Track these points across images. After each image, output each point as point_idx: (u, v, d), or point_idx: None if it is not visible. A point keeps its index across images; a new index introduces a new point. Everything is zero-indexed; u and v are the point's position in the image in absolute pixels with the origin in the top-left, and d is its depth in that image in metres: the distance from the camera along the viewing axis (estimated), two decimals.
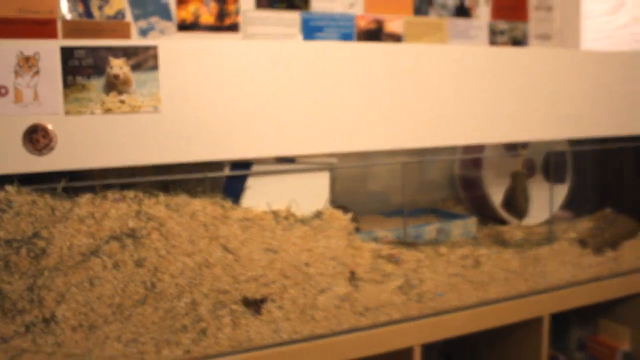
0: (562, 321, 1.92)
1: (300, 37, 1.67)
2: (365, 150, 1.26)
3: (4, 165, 0.99)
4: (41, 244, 1.03)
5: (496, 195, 1.71)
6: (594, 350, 1.88)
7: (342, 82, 1.23)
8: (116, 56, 1.03)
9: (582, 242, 1.64)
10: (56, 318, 1.05)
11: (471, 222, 1.62)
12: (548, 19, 2.12)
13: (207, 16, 1.57)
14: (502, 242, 1.56)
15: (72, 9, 1.45)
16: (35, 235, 1.03)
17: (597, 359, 1.85)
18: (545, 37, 2.12)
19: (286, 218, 1.20)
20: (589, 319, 1.93)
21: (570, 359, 1.79)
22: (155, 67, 1.06)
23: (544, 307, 1.55)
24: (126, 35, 1.50)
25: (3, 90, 0.97)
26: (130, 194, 1.09)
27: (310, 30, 1.68)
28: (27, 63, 0.98)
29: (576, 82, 1.54)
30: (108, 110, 1.04)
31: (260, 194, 1.20)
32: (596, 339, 1.89)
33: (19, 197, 1.02)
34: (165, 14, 1.53)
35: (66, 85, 1.01)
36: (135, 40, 1.28)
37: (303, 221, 1.22)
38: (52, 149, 1.01)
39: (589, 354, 1.86)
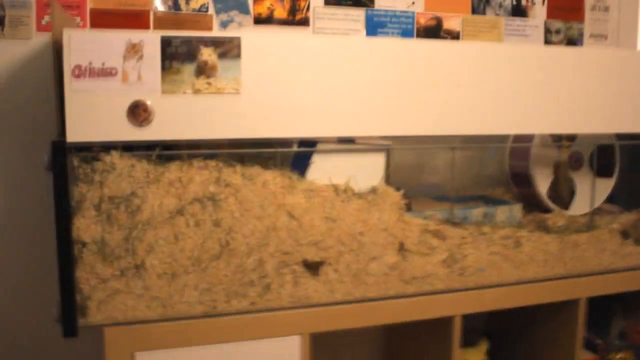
0: (606, 310, 2.00)
1: (364, 32, 1.82)
2: (417, 134, 1.40)
3: (111, 134, 1.18)
4: (137, 201, 1.22)
5: (543, 185, 1.82)
6: (636, 339, 1.96)
7: (398, 75, 1.37)
8: (206, 45, 1.21)
9: (625, 233, 1.73)
10: (145, 265, 1.23)
11: (516, 208, 1.74)
12: (604, 19, 2.20)
13: (281, 11, 1.74)
14: (544, 228, 1.67)
15: (163, 2, 1.64)
16: (133, 194, 1.22)
17: (637, 346, 1.93)
18: (600, 37, 2.21)
19: (345, 191, 1.35)
20: (633, 309, 2.01)
21: (608, 345, 1.88)
22: (238, 56, 1.23)
23: (581, 290, 1.65)
24: (209, 26, 1.69)
25: (114, 71, 1.16)
26: (212, 163, 1.27)
27: (374, 26, 1.83)
28: (134, 49, 1.17)
29: (624, 81, 1.63)
30: (197, 91, 1.21)
31: (323, 170, 1.36)
32: (638, 328, 1.97)
33: (121, 161, 1.21)
34: (244, 8, 1.71)
35: (164, 68, 1.19)
36: (222, 33, 1.46)
37: (359, 195, 1.37)
38: (150, 122, 1.19)
39: (629, 341, 1.94)
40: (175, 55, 1.20)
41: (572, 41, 2.14)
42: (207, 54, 1.21)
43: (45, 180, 1.21)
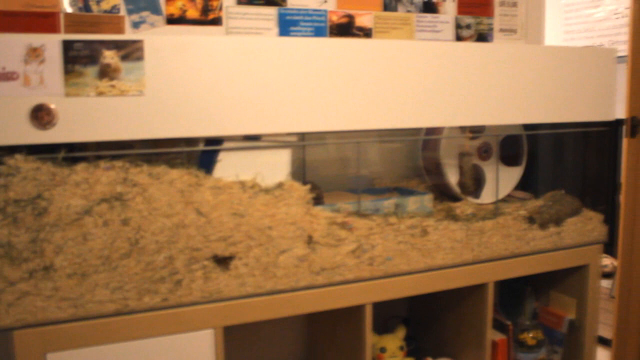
0: (519, 294, 2.11)
1: (277, 30, 1.86)
2: (326, 130, 1.45)
3: (14, 137, 1.19)
4: (43, 203, 1.23)
5: (453, 175, 1.90)
6: (544, 319, 2.06)
7: (308, 73, 1.42)
8: (108, 48, 1.23)
9: (531, 219, 1.83)
10: (54, 266, 1.25)
11: (427, 198, 1.81)
12: (512, 14, 2.30)
13: (193, 11, 1.76)
14: (452, 216, 1.75)
15: (72, 3, 1.65)
16: (39, 196, 1.23)
17: (545, 326, 2.04)
18: (509, 32, 2.31)
19: (252, 187, 1.40)
20: (543, 292, 2.12)
21: (518, 325, 1.98)
22: (141, 58, 1.26)
23: (489, 274, 1.74)
24: (120, 27, 1.70)
25: (15, 75, 1.17)
26: (119, 163, 1.29)
27: (286, 25, 1.87)
28: (35, 53, 1.18)
29: (531, 73, 1.72)
30: (101, 93, 1.24)
31: (229, 167, 1.40)
32: (547, 309, 2.07)
33: (26, 164, 1.22)
34: (155, 9, 1.72)
35: (66, 71, 1.21)
36: (124, 35, 1.48)
37: (266, 191, 1.42)
38: (54, 124, 1.21)
39: (539, 322, 2.05)
40: (77, 58, 1.22)
41: (483, 36, 2.23)
42: (110, 57, 1.23)
43: None
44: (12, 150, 1.23)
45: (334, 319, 1.72)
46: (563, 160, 2.17)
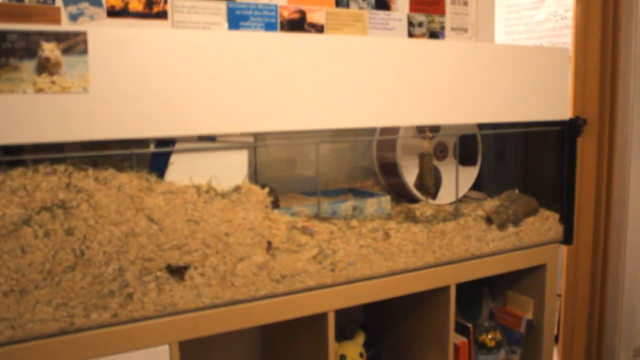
0: (475, 295, 2.08)
1: (226, 25, 1.77)
2: (281, 129, 1.37)
3: None
4: None
5: (410, 176, 1.85)
6: (502, 320, 2.04)
7: (260, 69, 1.34)
8: (47, 40, 1.11)
9: (489, 219, 1.79)
10: None
11: (385, 200, 1.75)
12: (464, 13, 2.27)
13: (136, 3, 1.65)
14: (412, 218, 1.70)
15: None
16: None
17: (504, 326, 2.02)
18: (461, 30, 2.28)
19: (207, 192, 1.30)
20: (499, 292, 2.10)
21: (478, 327, 1.94)
22: (84, 52, 1.15)
23: (450, 276, 1.70)
24: (56, 19, 1.57)
25: None
26: (61, 167, 1.17)
27: (236, 19, 1.78)
28: None
29: (483, 72, 1.68)
30: (40, 90, 1.12)
31: (183, 170, 1.30)
32: (505, 309, 2.05)
33: None
34: (95, 0, 1.60)
35: (0, 65, 1.09)
36: (66, 26, 1.36)
37: (223, 195, 1.32)
38: None
39: (497, 323, 2.03)
40: (12, 51, 1.09)
41: (434, 34, 2.20)
42: (49, 50, 1.12)
43: None
44: None
45: (293, 328, 1.64)
46: (517, 160, 2.16)
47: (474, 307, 2.08)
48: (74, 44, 1.14)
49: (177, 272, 1.28)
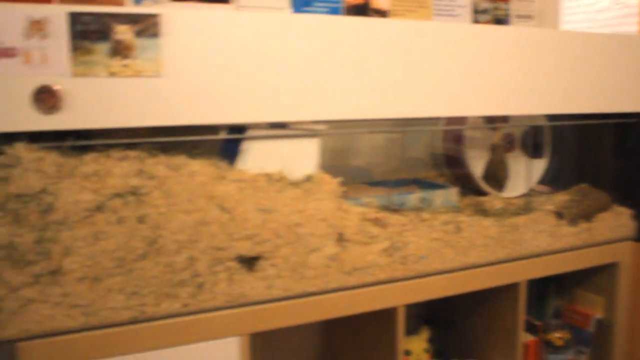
0: (541, 291, 2.00)
1: (289, 9, 1.72)
2: (352, 117, 1.32)
3: (14, 123, 1.04)
4: (48, 199, 1.08)
5: (477, 168, 1.78)
6: (570, 318, 1.96)
7: (330, 54, 1.29)
8: (121, 22, 1.09)
9: (558, 214, 1.72)
10: (63, 270, 1.10)
11: (453, 192, 1.69)
12: (529, 0, 2.19)
13: None
14: (482, 211, 1.63)
15: None
16: (43, 190, 1.08)
17: (572, 325, 1.94)
18: (526, 17, 2.20)
19: (279, 180, 1.26)
20: (566, 289, 2.02)
21: (546, 325, 1.87)
22: (157, 35, 1.12)
23: (521, 273, 1.63)
24: (119, 2, 1.55)
25: (14, 52, 1.02)
26: (133, 153, 1.15)
27: (300, 4, 1.73)
28: (37, 26, 1.03)
29: (553, 60, 1.61)
30: (112, 74, 1.09)
31: (254, 157, 1.26)
32: (572, 307, 1.97)
33: (28, 153, 1.07)
34: None
35: (73, 48, 1.06)
36: (139, 8, 1.33)
37: (295, 184, 1.28)
38: (59, 108, 1.06)
39: (565, 321, 1.95)
40: (85, 33, 1.07)
41: (499, 21, 2.12)
42: (122, 32, 1.09)
43: None
44: (12, 138, 1.08)
45: (358, 321, 1.59)
46: (586, 153, 2.07)
47: (539, 304, 2.01)
48: (147, 26, 1.11)
49: (248, 262, 1.24)
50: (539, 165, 1.91)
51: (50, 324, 1.10)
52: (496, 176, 1.72)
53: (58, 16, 1.05)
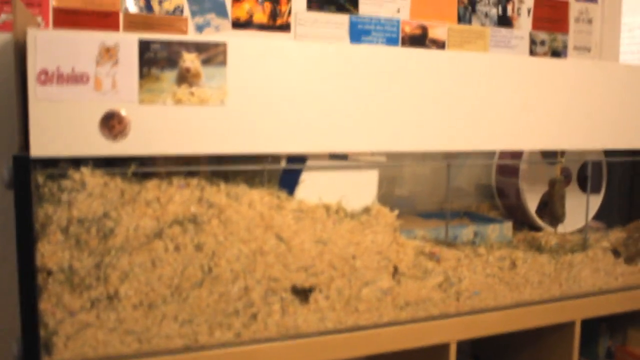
0: (592, 330, 1.94)
1: (348, 39, 1.72)
2: (411, 150, 1.31)
3: (81, 148, 1.05)
4: (110, 224, 1.09)
5: (531, 202, 1.75)
6: (622, 359, 1.91)
7: (389, 85, 1.28)
8: (188, 50, 1.09)
9: (615, 252, 1.67)
10: (119, 295, 1.10)
11: (507, 226, 1.66)
12: (587, 31, 2.16)
13: (261, 15, 1.63)
14: (537, 247, 1.60)
15: (134, 2, 1.52)
16: (105, 215, 1.09)
17: None
18: (584, 49, 2.16)
19: (337, 212, 1.25)
20: (618, 329, 1.96)
21: None
22: (223, 63, 1.12)
23: (576, 312, 1.59)
24: (183, 30, 1.57)
25: (85, 78, 1.03)
26: (194, 181, 1.15)
27: (358, 34, 1.73)
28: (108, 53, 1.04)
29: (613, 94, 1.57)
30: (178, 101, 1.09)
31: (313, 188, 1.25)
32: (625, 348, 1.91)
33: (93, 179, 1.08)
34: (221, 11, 1.59)
35: (142, 75, 1.07)
36: (206, 37, 1.34)
37: (352, 216, 1.27)
38: (125, 135, 1.07)
39: None
40: (154, 60, 1.08)
41: (557, 53, 2.09)
42: (190, 60, 1.09)
43: (6, 199, 1.07)
44: (77, 162, 1.09)
45: (410, 358, 1.56)
46: None
47: (589, 344, 1.95)
48: (214, 54, 1.11)
49: (302, 293, 1.23)
50: (595, 201, 1.86)
51: (104, 349, 1.10)
52: (554, 211, 1.68)
53: (129, 43, 1.06)
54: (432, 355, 1.45)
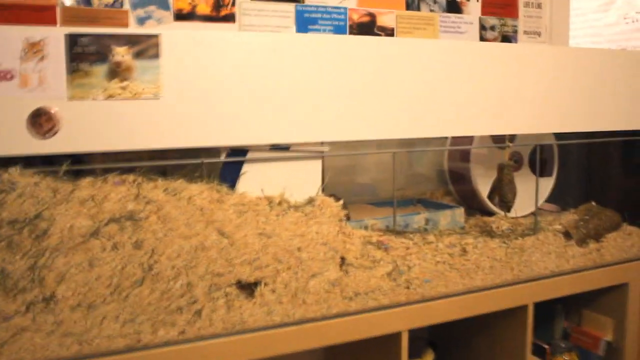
0: (547, 312, 1.96)
1: (294, 29, 1.70)
2: (356, 139, 1.30)
3: (9, 147, 1.02)
4: (43, 225, 1.06)
5: (483, 186, 1.75)
6: (578, 340, 1.92)
7: (335, 74, 1.27)
8: (119, 44, 1.06)
9: (567, 234, 1.69)
10: (56, 297, 1.07)
11: (459, 213, 1.66)
12: (537, 16, 2.16)
13: (204, 6, 1.60)
14: (488, 232, 1.60)
15: None
16: (37, 216, 1.06)
17: (580, 348, 1.90)
18: (534, 34, 2.17)
19: (280, 204, 1.23)
20: (573, 310, 1.98)
21: (554, 348, 1.83)
22: (156, 56, 1.09)
23: (529, 295, 1.59)
24: (124, 23, 1.53)
25: (9, 75, 1.00)
26: (130, 177, 1.12)
27: (304, 22, 1.71)
28: (33, 48, 1.01)
29: (563, 78, 1.58)
30: (110, 96, 1.07)
31: (255, 180, 1.23)
32: (580, 329, 1.93)
33: (22, 178, 1.05)
34: (163, 4, 1.56)
35: (70, 71, 1.04)
36: (138, 29, 1.31)
37: (296, 207, 1.25)
38: (55, 132, 1.04)
39: (572, 343, 1.91)
40: (83, 55, 1.05)
41: (507, 38, 2.09)
42: (121, 54, 1.06)
43: None
44: (6, 162, 1.05)
45: (361, 347, 1.55)
46: (594, 171, 2.04)
47: (545, 326, 1.97)
48: (146, 47, 1.09)
49: (247, 288, 1.21)
50: (547, 184, 1.87)
51: (42, 353, 1.07)
52: (503, 196, 1.69)
53: (55, 38, 1.03)
54: (385, 345, 1.45)
